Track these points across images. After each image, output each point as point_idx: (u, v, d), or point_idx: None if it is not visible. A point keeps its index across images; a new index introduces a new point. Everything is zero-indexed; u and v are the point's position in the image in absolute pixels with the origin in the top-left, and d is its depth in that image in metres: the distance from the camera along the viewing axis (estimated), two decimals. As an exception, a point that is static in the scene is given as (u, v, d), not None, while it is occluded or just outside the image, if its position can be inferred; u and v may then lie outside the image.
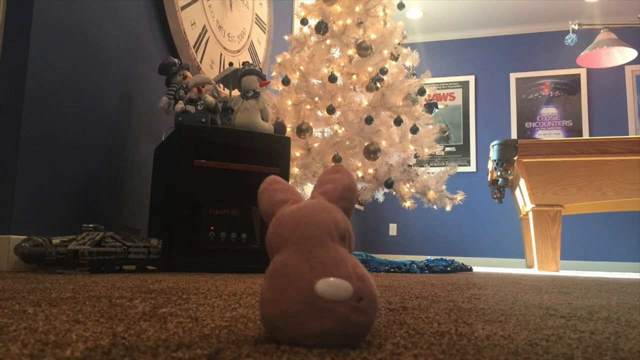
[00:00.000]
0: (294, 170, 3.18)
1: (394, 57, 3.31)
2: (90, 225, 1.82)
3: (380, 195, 3.47)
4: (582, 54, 4.43)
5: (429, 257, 3.40)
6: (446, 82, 6.64)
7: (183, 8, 2.84)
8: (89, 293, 0.99)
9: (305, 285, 0.50)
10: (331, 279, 0.50)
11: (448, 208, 3.37)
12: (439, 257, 3.49)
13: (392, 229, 6.61)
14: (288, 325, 0.50)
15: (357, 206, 6.23)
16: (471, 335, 0.61)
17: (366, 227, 6.67)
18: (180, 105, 2.21)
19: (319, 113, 3.23)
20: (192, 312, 0.74)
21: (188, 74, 2.42)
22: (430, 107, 3.39)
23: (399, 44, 3.39)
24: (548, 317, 0.82)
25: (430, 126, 3.39)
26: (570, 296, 1.28)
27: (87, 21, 2.17)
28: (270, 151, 2.23)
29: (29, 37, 1.87)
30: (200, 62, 3.01)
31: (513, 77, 6.38)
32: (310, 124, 3.12)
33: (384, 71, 3.17)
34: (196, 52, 2.96)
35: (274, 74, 3.39)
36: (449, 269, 2.87)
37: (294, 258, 0.53)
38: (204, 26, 3.07)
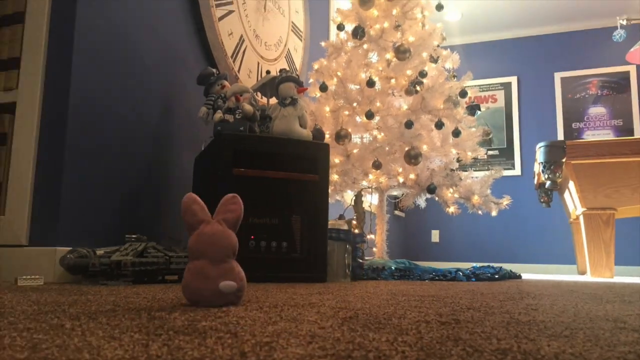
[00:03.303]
0: (334, 177, 3.14)
1: (434, 60, 3.23)
2: (133, 236, 1.83)
3: (422, 201, 3.38)
4: (632, 50, 4.22)
5: (474, 264, 3.29)
6: (487, 84, 6.48)
7: (220, 19, 2.85)
8: (129, 305, 0.97)
9: (214, 284, 0.95)
10: (227, 281, 0.96)
11: (494, 213, 3.26)
12: (485, 264, 3.38)
13: (435, 236, 6.47)
14: (203, 302, 0.96)
15: (398, 213, 6.13)
16: (537, 354, 0.55)
17: (407, 234, 6.55)
18: (218, 114, 2.20)
19: (358, 119, 3.18)
20: (232, 327, 0.71)
21: (226, 83, 2.42)
22: (472, 109, 3.29)
23: (438, 46, 3.31)
24: (619, 331, 0.74)
25: (473, 129, 3.29)
26: (635, 306, 1.19)
27: (128, 36, 2.20)
28: (309, 158, 2.20)
29: (71, 51, 1.91)
30: (238, 71, 3.02)
31: (558, 76, 6.17)
32: (349, 130, 3.08)
33: (423, 74, 3.09)
34: (234, 61, 2.97)
35: (311, 80, 3.37)
36: (496, 276, 2.76)
37: (209, 266, 0.96)
38: (241, 36, 3.09)
